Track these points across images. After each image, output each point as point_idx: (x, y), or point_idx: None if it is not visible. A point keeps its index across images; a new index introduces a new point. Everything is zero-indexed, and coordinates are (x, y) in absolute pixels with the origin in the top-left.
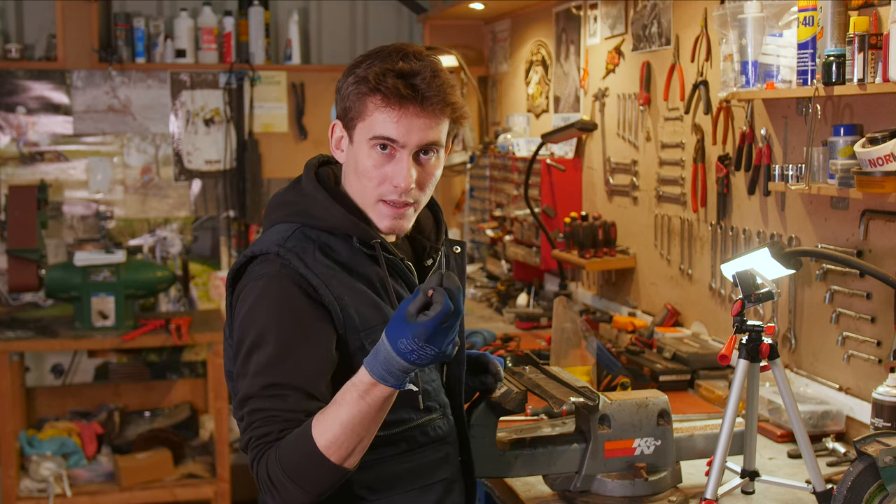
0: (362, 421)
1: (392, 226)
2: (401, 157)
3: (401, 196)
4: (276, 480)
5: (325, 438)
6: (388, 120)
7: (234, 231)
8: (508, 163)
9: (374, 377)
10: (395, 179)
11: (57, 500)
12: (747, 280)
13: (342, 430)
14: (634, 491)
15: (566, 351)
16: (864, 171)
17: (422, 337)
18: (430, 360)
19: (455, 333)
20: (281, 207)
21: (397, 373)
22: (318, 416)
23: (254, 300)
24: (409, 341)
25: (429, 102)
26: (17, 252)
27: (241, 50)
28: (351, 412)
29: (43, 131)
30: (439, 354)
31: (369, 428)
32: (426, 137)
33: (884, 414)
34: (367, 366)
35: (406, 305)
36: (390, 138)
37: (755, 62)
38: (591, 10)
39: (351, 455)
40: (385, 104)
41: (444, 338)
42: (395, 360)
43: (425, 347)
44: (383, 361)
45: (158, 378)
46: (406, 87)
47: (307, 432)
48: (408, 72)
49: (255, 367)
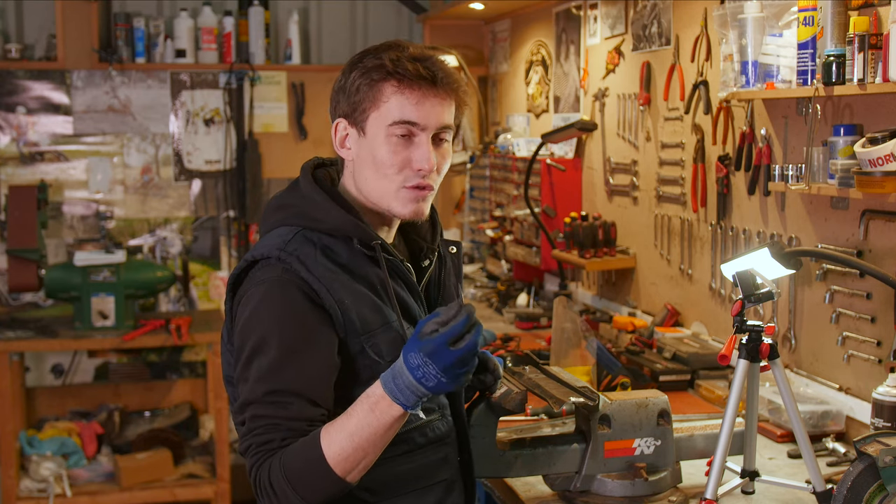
0: (369, 436)
1: (415, 210)
2: (421, 140)
3: (423, 178)
4: (277, 487)
5: (332, 449)
6: (407, 103)
7: (234, 231)
8: (508, 163)
9: (385, 390)
10: (418, 163)
11: (57, 500)
12: (747, 280)
13: (349, 441)
14: (634, 491)
15: (566, 351)
16: (864, 171)
17: (426, 351)
18: (435, 383)
19: (468, 369)
20: (280, 210)
21: (405, 389)
22: (328, 425)
23: (255, 305)
24: (416, 355)
25: (443, 84)
26: (17, 252)
27: (241, 50)
28: (359, 424)
29: (43, 131)
30: (441, 378)
31: (375, 445)
32: (443, 119)
33: (884, 414)
34: (382, 378)
35: (424, 322)
36: (411, 121)
37: (755, 62)
38: (591, 10)
39: (354, 469)
40: (403, 87)
41: (450, 360)
42: (404, 374)
43: (429, 364)
44: (396, 375)
45: (158, 378)
46: (423, 68)
47: (315, 440)
48: (420, 56)
49: (257, 373)
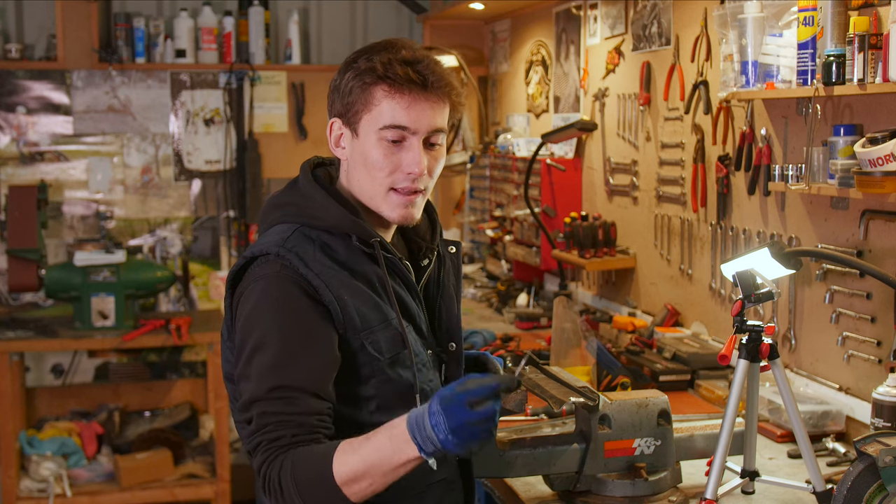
0: (380, 464)
1: (404, 214)
2: (411, 144)
3: (413, 182)
4: (286, 489)
5: (342, 469)
6: (397, 107)
7: (234, 231)
8: (508, 163)
9: (406, 425)
10: (408, 167)
11: (57, 500)
12: (747, 280)
13: (361, 464)
14: (634, 491)
15: (566, 351)
16: (864, 171)
17: (444, 402)
18: (443, 438)
19: (478, 440)
20: (279, 208)
21: (423, 431)
22: (345, 443)
23: (255, 302)
24: (437, 403)
25: (434, 87)
26: (17, 252)
27: (241, 50)
28: (374, 449)
29: (43, 131)
30: (448, 436)
31: (384, 476)
32: (434, 123)
33: (884, 414)
34: (409, 412)
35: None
36: (402, 125)
37: (755, 62)
38: (591, 10)
39: (360, 493)
40: (394, 91)
41: (462, 419)
42: (424, 416)
43: (441, 415)
44: (419, 414)
45: (158, 378)
46: (414, 72)
47: (329, 456)
48: (412, 59)
49: (260, 370)
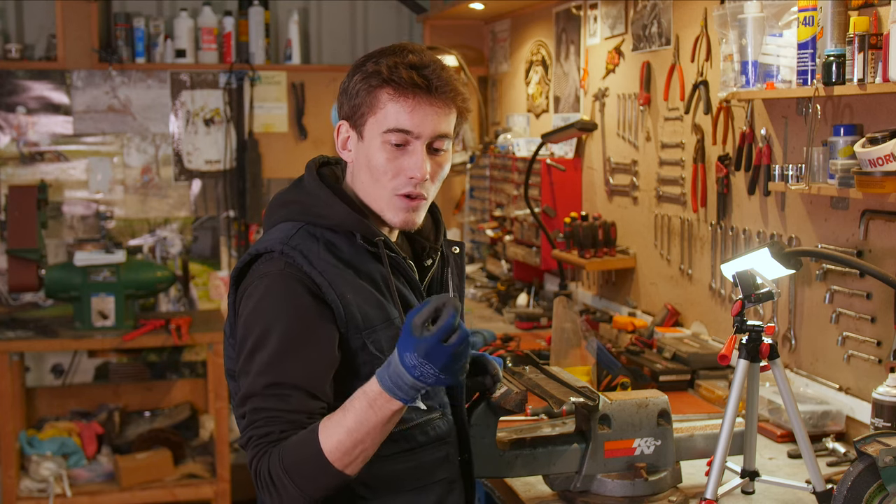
0: (368, 431)
1: (406, 219)
2: (415, 149)
3: (416, 188)
4: (277, 479)
5: (329, 443)
6: (401, 111)
7: (234, 231)
8: (508, 163)
9: (382, 388)
10: (410, 171)
11: (57, 500)
12: (747, 280)
13: (348, 436)
14: (634, 491)
15: (566, 351)
16: (864, 171)
17: (421, 352)
18: (434, 380)
19: (464, 361)
20: (284, 206)
21: (405, 387)
22: (326, 419)
23: (258, 299)
24: (412, 355)
25: (439, 92)
26: (17, 252)
27: (241, 50)
28: (358, 420)
29: (43, 131)
30: (440, 376)
31: (374, 438)
32: (439, 128)
33: (884, 414)
34: (378, 376)
35: (413, 316)
36: (405, 129)
37: (755, 62)
38: (591, 10)
39: (353, 462)
40: (398, 95)
41: (446, 357)
42: (402, 374)
43: (426, 364)
44: (392, 374)
45: (158, 378)
46: (419, 76)
47: (313, 434)
48: (418, 63)
49: (258, 366)
